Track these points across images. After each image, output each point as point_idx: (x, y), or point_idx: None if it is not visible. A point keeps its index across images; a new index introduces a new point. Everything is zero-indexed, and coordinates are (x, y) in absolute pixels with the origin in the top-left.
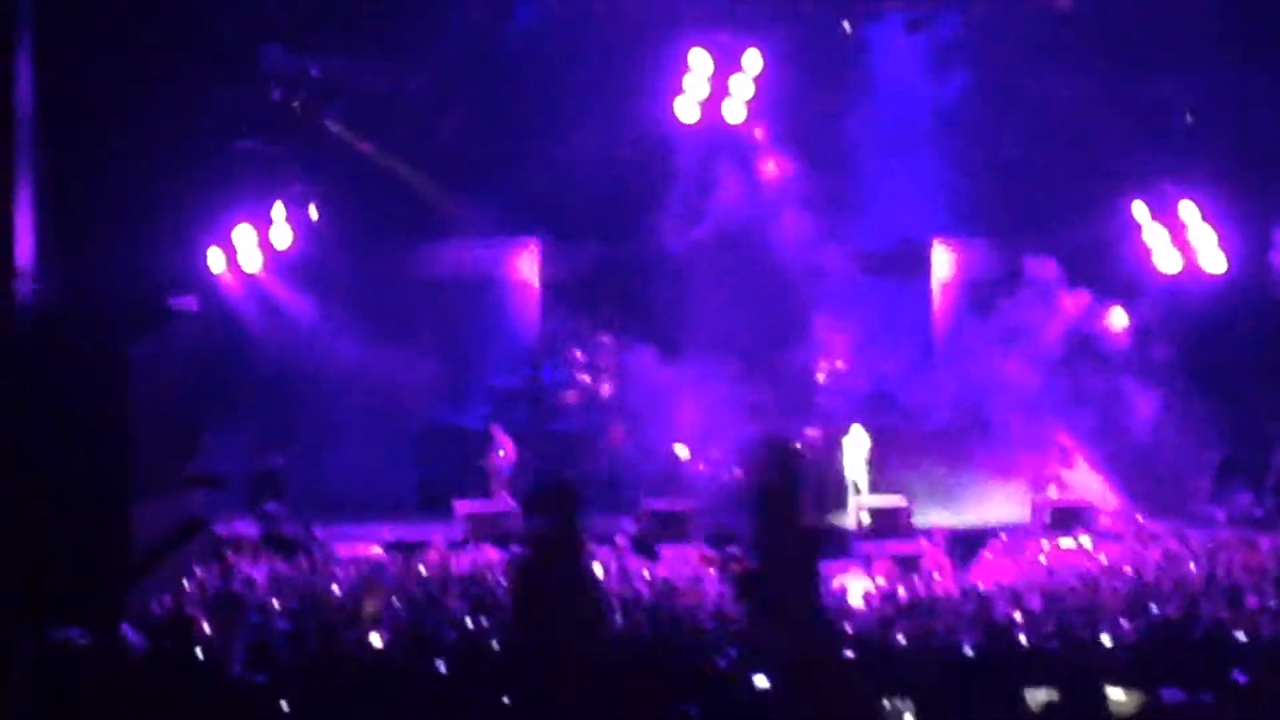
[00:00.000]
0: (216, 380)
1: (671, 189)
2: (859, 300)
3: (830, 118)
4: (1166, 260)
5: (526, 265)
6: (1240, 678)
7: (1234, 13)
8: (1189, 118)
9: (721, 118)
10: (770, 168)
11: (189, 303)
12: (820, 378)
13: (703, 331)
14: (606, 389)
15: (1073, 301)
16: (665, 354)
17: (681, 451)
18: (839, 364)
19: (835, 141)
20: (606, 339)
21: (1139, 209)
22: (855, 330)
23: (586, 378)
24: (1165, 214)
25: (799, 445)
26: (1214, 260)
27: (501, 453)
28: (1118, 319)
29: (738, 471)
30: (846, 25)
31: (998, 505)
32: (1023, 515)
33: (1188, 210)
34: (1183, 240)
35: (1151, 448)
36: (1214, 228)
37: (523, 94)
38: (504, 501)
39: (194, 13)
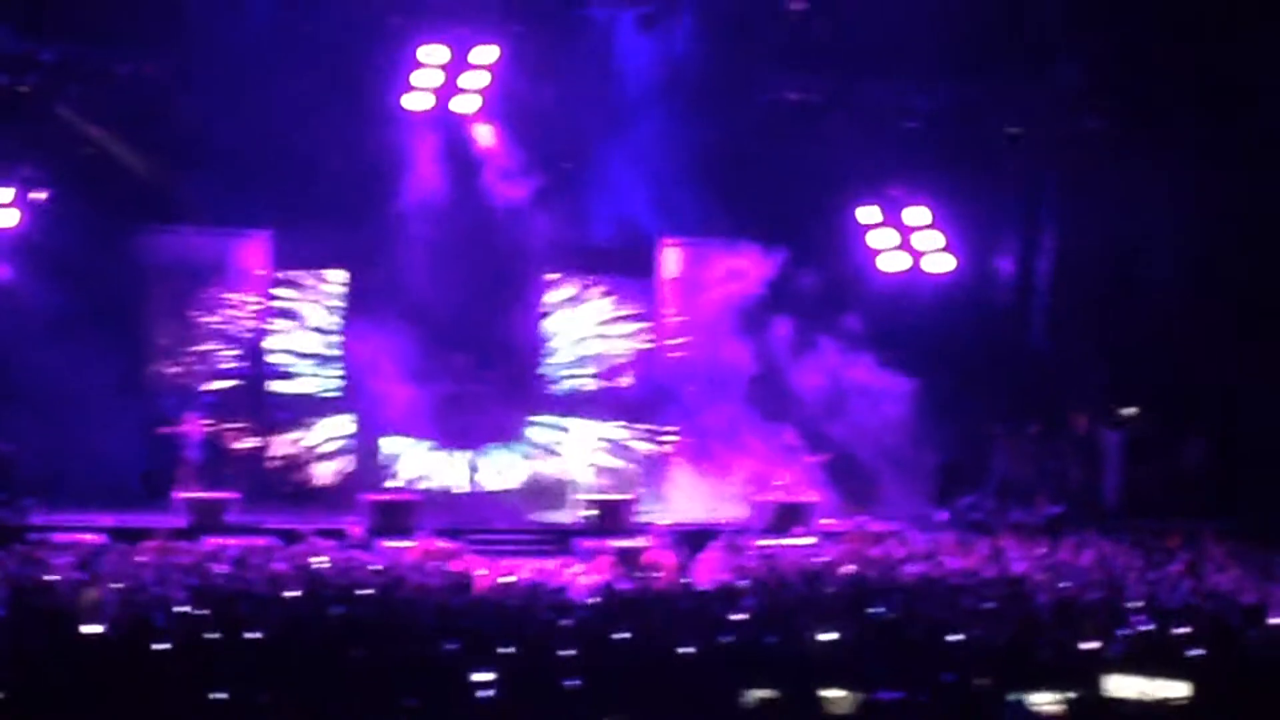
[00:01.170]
0: None
1: (403, 181)
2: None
3: (562, 114)
4: (892, 262)
5: (258, 253)
6: (950, 678)
7: (961, 22)
8: (914, 123)
9: (453, 110)
10: (499, 163)
11: None
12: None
13: (427, 321)
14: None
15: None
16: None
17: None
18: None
19: (566, 138)
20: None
21: (865, 212)
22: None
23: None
24: (893, 217)
25: None
26: (940, 263)
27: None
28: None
29: None
30: (581, 21)
31: (722, 504)
32: (746, 514)
33: (914, 214)
34: (909, 243)
35: (875, 448)
36: (941, 231)
37: (260, 82)
38: (227, 492)
39: None
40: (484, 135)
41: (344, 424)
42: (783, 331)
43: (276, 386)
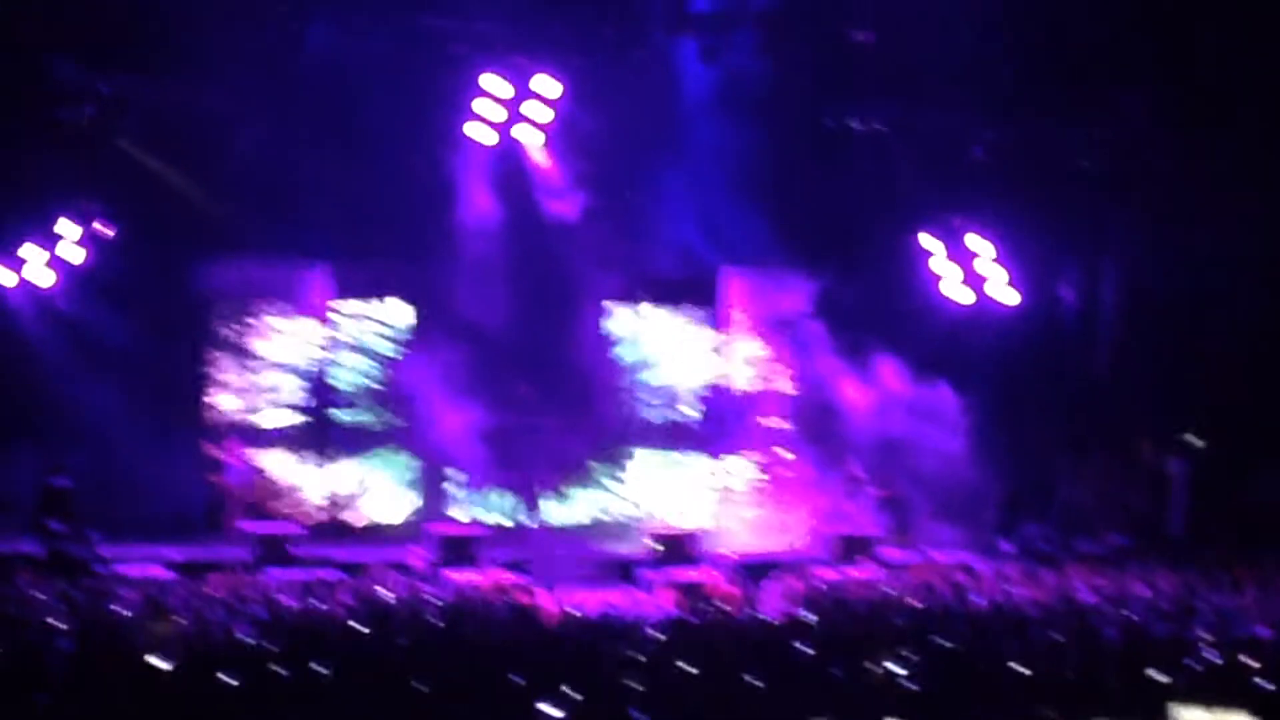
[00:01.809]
0: (3, 402)
1: (463, 210)
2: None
3: (623, 143)
4: (957, 293)
5: (319, 283)
6: (1018, 710)
7: (1024, 52)
8: (980, 153)
9: (514, 139)
10: (560, 192)
11: None
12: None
13: (489, 351)
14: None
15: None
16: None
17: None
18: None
19: (627, 167)
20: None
21: (929, 241)
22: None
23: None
24: (956, 248)
25: None
26: (1005, 294)
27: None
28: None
29: None
30: (643, 52)
31: (787, 535)
32: (811, 545)
33: (978, 244)
34: (973, 274)
35: (940, 478)
36: (1005, 262)
37: (319, 112)
38: (290, 524)
39: None
40: (545, 164)
41: (407, 456)
42: (845, 361)
43: (339, 417)
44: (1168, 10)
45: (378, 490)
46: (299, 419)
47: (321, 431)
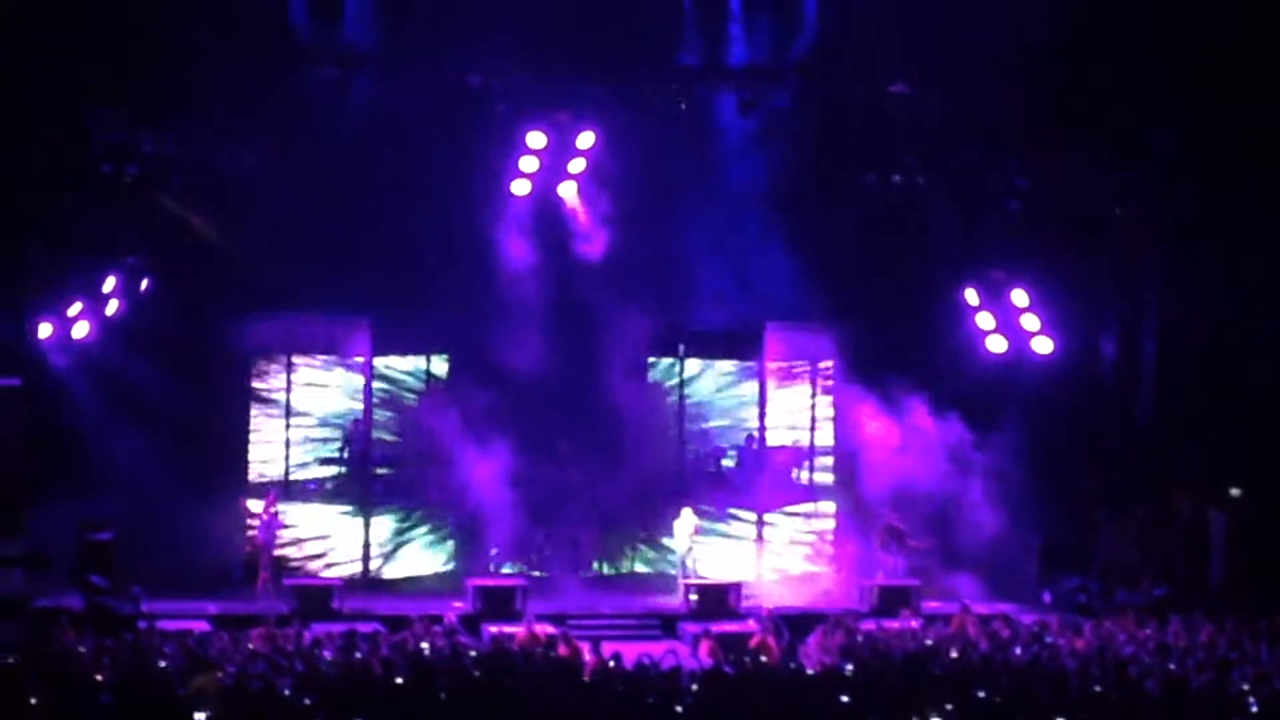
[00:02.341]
0: (43, 456)
1: (503, 265)
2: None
3: (663, 197)
4: (995, 344)
5: (359, 338)
6: None
7: (1059, 102)
8: (1014, 205)
9: (555, 194)
10: (600, 246)
11: (11, 380)
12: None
13: (528, 405)
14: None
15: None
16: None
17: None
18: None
19: (667, 221)
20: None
21: (970, 295)
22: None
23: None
24: (995, 299)
25: None
26: (1041, 344)
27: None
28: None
29: None
30: (682, 106)
31: (828, 587)
32: (852, 596)
33: (1018, 296)
34: (1012, 325)
35: (980, 530)
36: (1043, 313)
37: (359, 168)
38: (330, 578)
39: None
40: (584, 218)
41: (446, 509)
42: (883, 413)
43: (378, 471)
44: (1198, 49)
45: (417, 543)
46: (338, 472)
47: (361, 485)
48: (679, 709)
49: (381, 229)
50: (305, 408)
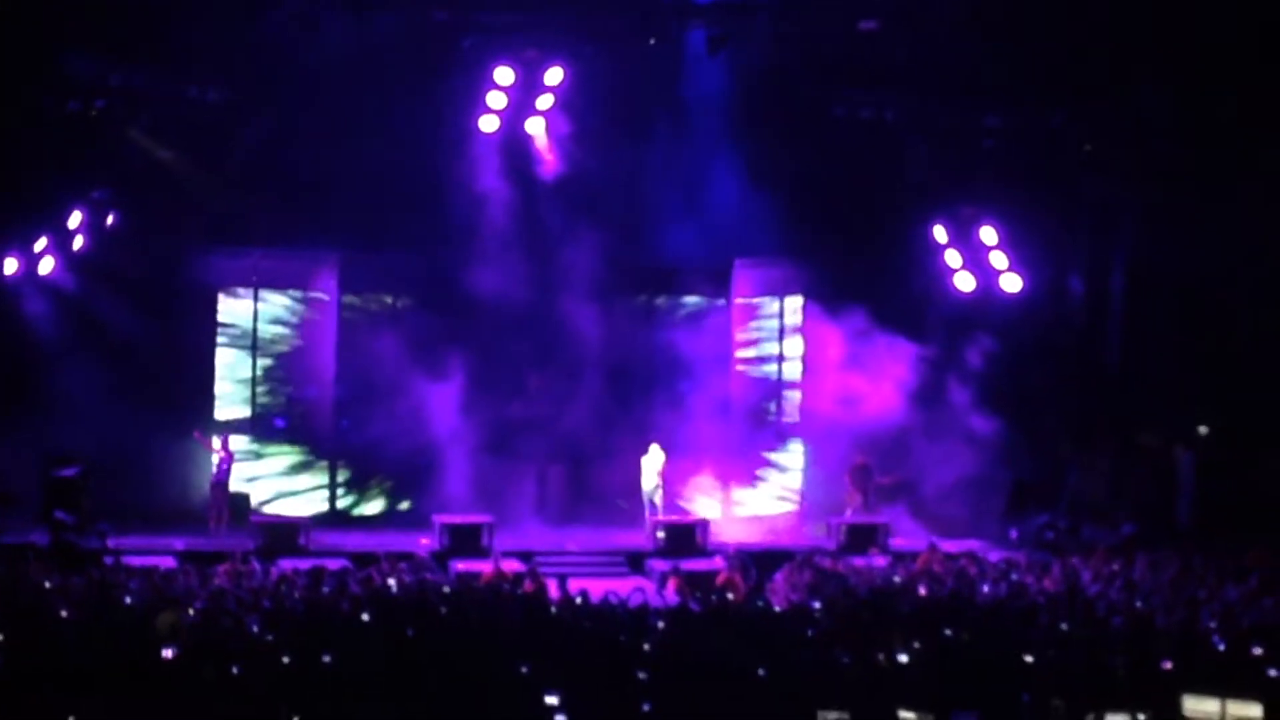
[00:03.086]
0: (8, 392)
1: (472, 203)
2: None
3: (632, 133)
4: (963, 281)
5: (326, 276)
6: (1026, 699)
7: (1031, 39)
8: (988, 142)
9: (523, 130)
10: (569, 183)
11: None
12: None
13: (497, 343)
14: None
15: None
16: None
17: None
18: None
19: (635, 157)
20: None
21: (938, 231)
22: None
23: None
24: (963, 236)
25: None
26: (1011, 282)
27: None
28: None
29: None
30: (651, 42)
31: (795, 524)
32: (820, 534)
33: (986, 233)
34: (981, 262)
35: (948, 468)
36: (1011, 251)
37: (328, 105)
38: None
39: None
40: (553, 154)
41: (417, 446)
42: (853, 351)
43: (346, 407)
44: None
45: (384, 480)
46: (305, 410)
47: (328, 422)
48: (646, 646)
49: (350, 165)
50: (273, 344)
